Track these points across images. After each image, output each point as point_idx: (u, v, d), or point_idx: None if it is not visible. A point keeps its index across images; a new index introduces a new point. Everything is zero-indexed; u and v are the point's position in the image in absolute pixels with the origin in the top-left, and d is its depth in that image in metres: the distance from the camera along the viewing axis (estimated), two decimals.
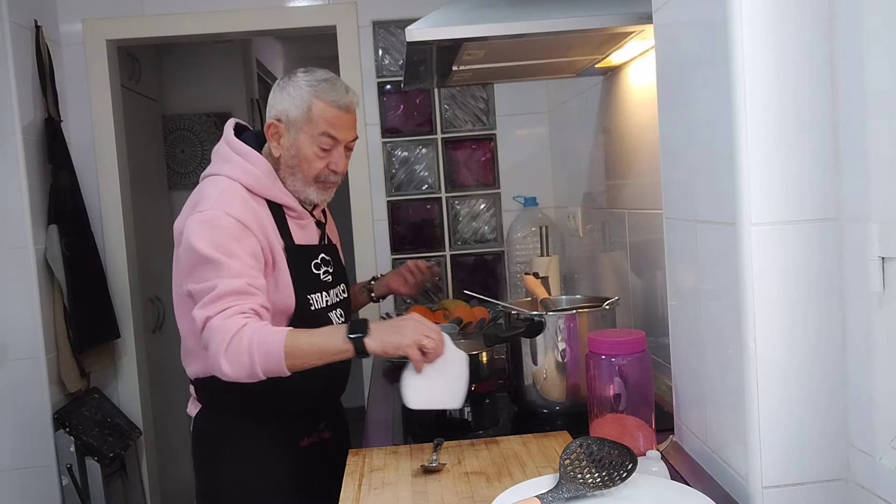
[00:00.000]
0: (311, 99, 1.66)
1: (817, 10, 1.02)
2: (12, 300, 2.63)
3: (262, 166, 1.68)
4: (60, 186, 2.79)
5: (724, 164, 1.08)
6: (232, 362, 1.46)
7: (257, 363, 1.46)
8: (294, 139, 1.67)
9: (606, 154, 2.20)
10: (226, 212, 1.58)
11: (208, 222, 1.57)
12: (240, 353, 1.46)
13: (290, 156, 1.69)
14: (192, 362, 1.73)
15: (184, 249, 1.59)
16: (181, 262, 1.61)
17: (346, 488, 1.34)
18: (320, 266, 1.75)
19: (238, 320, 1.48)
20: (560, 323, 1.63)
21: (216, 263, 1.53)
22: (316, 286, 1.73)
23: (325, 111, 1.66)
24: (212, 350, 1.48)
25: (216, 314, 1.49)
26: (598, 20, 1.49)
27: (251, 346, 1.45)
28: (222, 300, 1.50)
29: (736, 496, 1.14)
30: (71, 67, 3.00)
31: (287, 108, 1.67)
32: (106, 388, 3.05)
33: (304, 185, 1.71)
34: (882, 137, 0.95)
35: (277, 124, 1.68)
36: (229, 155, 1.70)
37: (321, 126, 1.66)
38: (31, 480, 2.67)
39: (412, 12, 2.73)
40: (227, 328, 1.47)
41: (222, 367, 1.47)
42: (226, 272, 1.52)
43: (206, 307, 1.50)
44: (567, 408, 1.64)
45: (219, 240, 1.55)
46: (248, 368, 1.46)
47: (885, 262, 0.95)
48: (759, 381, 1.05)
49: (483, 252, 3.16)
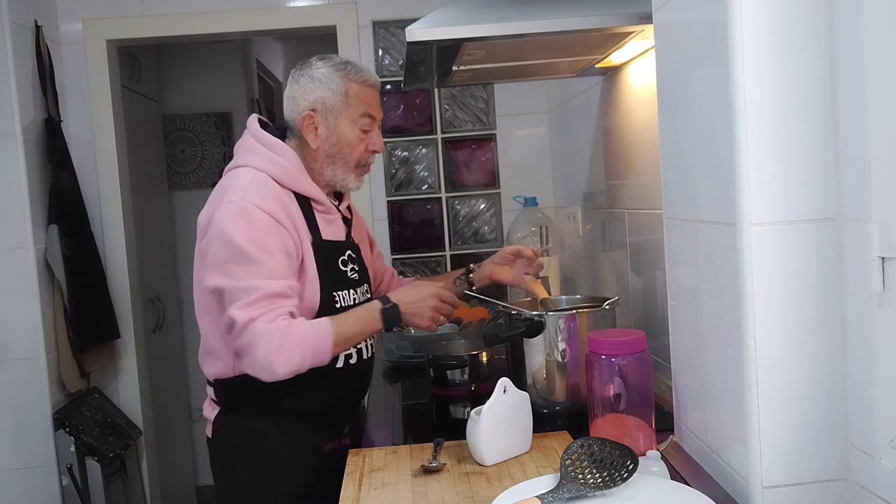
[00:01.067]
0: (346, 83, 1.64)
1: (817, 10, 1.02)
2: (12, 300, 2.63)
3: (291, 158, 1.64)
4: (60, 186, 2.79)
5: (724, 164, 1.08)
6: (285, 362, 1.47)
7: (308, 359, 1.50)
8: (334, 126, 1.64)
9: (606, 154, 2.20)
10: (257, 204, 1.53)
11: (242, 214, 1.52)
12: (293, 353, 1.47)
13: (330, 144, 1.65)
14: (212, 362, 1.66)
15: (215, 242, 1.53)
16: (208, 256, 1.55)
17: (346, 488, 1.34)
18: (347, 263, 1.71)
19: (281, 323, 1.48)
20: (560, 323, 1.63)
21: (253, 260, 1.49)
22: (343, 283, 1.68)
23: (361, 92, 1.65)
24: (261, 352, 1.47)
25: (260, 316, 1.47)
26: (598, 20, 1.49)
27: (304, 344, 1.48)
28: (265, 302, 1.48)
29: (736, 496, 1.14)
30: (71, 67, 3.00)
31: (322, 95, 1.63)
32: (106, 388, 3.05)
33: (346, 172, 1.68)
34: (882, 137, 0.95)
35: (313, 115, 1.64)
36: (255, 146, 1.65)
37: (360, 108, 1.65)
38: (31, 480, 2.67)
39: (412, 12, 2.73)
40: (275, 330, 1.47)
41: (274, 367, 1.47)
42: (266, 271, 1.50)
43: (248, 308, 1.47)
44: (567, 408, 1.64)
45: (255, 234, 1.51)
46: (299, 365, 1.49)
47: (885, 262, 0.95)
48: (759, 381, 1.05)
49: (483, 252, 3.16)
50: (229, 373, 1.63)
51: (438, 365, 1.93)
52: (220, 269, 1.52)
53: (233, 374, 1.62)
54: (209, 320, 1.63)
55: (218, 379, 1.67)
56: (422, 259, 3.17)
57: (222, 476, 1.71)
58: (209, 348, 1.66)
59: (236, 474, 1.68)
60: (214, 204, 1.58)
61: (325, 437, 1.71)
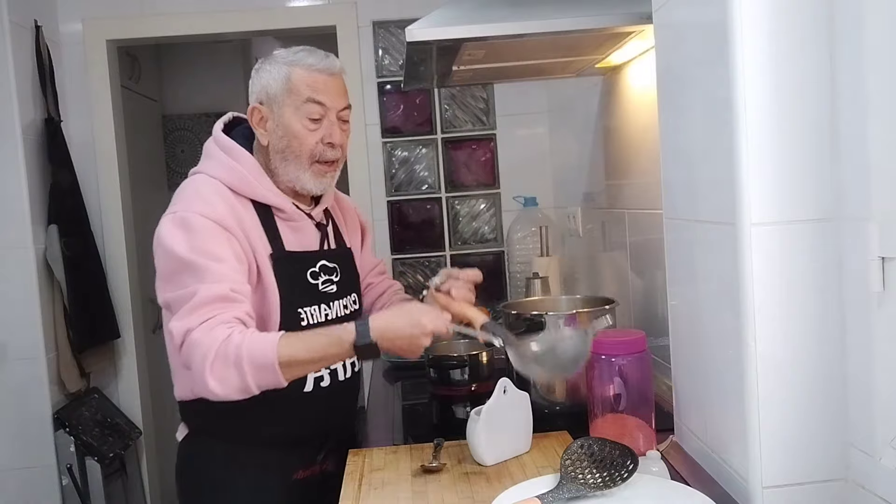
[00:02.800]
0: (289, 69, 1.49)
1: (817, 10, 1.02)
2: (12, 300, 2.63)
3: (248, 163, 1.51)
4: (60, 186, 2.79)
5: (724, 164, 1.08)
6: (220, 379, 1.29)
7: (249, 377, 1.29)
8: (279, 117, 1.49)
9: (606, 154, 2.20)
10: (200, 212, 1.41)
11: (182, 225, 1.41)
12: (227, 368, 1.29)
13: (278, 137, 1.50)
14: (176, 382, 1.55)
15: (158, 255, 1.44)
16: (157, 271, 1.45)
17: (345, 488, 1.34)
18: (319, 275, 1.55)
19: (222, 331, 1.31)
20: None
21: (195, 267, 1.36)
22: (311, 298, 1.53)
23: (305, 77, 1.49)
24: (195, 367, 1.31)
25: (197, 325, 1.32)
26: (598, 20, 1.49)
27: (239, 357, 1.29)
28: (203, 309, 1.33)
29: (736, 496, 1.14)
30: (71, 67, 3.00)
31: (265, 84, 1.50)
32: (106, 388, 3.04)
33: (299, 170, 1.51)
34: (882, 137, 0.95)
35: (259, 107, 1.51)
36: (213, 151, 1.54)
37: (304, 93, 1.48)
38: (31, 480, 2.66)
39: (412, 12, 2.72)
40: (211, 341, 1.30)
41: (209, 385, 1.30)
42: (206, 277, 1.35)
43: (185, 318, 1.33)
44: (567, 408, 1.64)
45: (196, 242, 1.39)
46: (239, 384, 1.30)
47: (885, 262, 0.95)
48: (759, 381, 1.05)
49: (483, 252, 3.16)
50: (189, 394, 1.50)
51: (439, 365, 1.93)
52: (165, 282, 1.41)
53: (193, 396, 1.48)
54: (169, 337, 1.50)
55: (182, 401, 1.56)
56: (422, 259, 3.17)
57: (185, 501, 1.62)
58: (172, 366, 1.56)
59: (198, 500, 1.59)
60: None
61: (295, 464, 1.57)
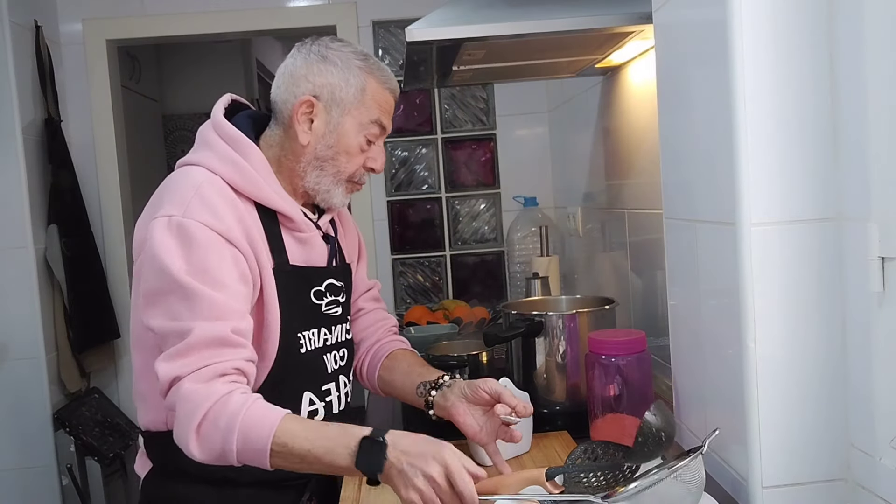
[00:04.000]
0: (366, 77, 1.31)
1: (817, 10, 1.02)
2: (12, 300, 2.63)
3: (256, 159, 1.29)
4: (60, 186, 2.80)
5: (724, 164, 1.08)
6: (203, 441, 1.12)
7: (234, 450, 1.11)
8: (337, 124, 1.31)
9: (606, 154, 2.20)
10: (202, 221, 1.19)
11: (179, 233, 1.18)
12: (215, 432, 1.11)
13: (325, 145, 1.31)
14: (142, 407, 1.33)
15: (147, 268, 1.20)
16: (142, 282, 1.21)
17: (346, 488, 1.34)
18: (324, 295, 1.37)
19: (217, 388, 1.12)
20: (560, 323, 1.63)
21: (191, 294, 1.15)
22: (313, 321, 1.34)
23: (378, 93, 1.32)
24: (180, 421, 1.13)
25: (188, 374, 1.13)
26: (598, 20, 1.49)
27: (231, 427, 1.10)
28: (197, 353, 1.14)
29: (736, 496, 1.14)
30: (71, 67, 3.00)
31: (334, 82, 1.30)
32: (106, 388, 3.04)
33: (333, 184, 1.34)
34: (882, 137, 0.95)
35: (314, 101, 1.30)
36: (212, 139, 1.31)
37: (374, 112, 1.32)
38: (31, 480, 2.67)
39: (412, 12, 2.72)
40: (202, 397, 1.11)
41: (190, 446, 1.12)
42: (205, 311, 1.15)
43: (174, 360, 1.14)
44: (567, 408, 1.64)
45: (195, 259, 1.17)
46: (221, 453, 1.12)
47: (885, 262, 0.95)
48: (759, 381, 1.05)
49: (483, 252, 3.16)
50: (160, 425, 1.30)
51: (438, 365, 1.93)
52: (154, 303, 1.19)
53: (164, 428, 1.28)
54: (140, 357, 1.30)
55: (148, 430, 1.33)
56: (422, 259, 3.17)
57: None
58: (139, 391, 1.33)
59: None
60: (152, 211, 1.25)
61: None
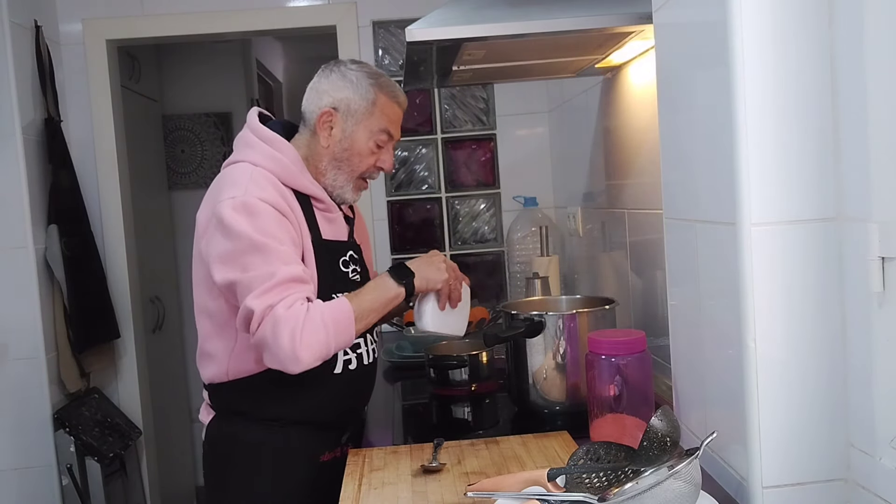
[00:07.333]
0: (376, 91, 1.60)
1: (817, 10, 1.02)
2: (12, 300, 2.63)
3: (290, 154, 1.59)
4: (60, 186, 2.79)
5: (724, 164, 1.08)
6: (309, 346, 1.40)
7: (332, 340, 1.43)
8: (351, 131, 1.61)
9: (606, 154, 2.20)
10: (260, 197, 1.48)
11: (245, 209, 1.47)
12: (316, 334, 1.41)
13: (341, 148, 1.62)
14: (207, 365, 1.62)
15: (218, 238, 1.48)
16: (214, 253, 1.49)
17: (345, 488, 1.34)
18: (349, 264, 1.66)
19: (300, 308, 1.42)
20: (560, 323, 1.63)
21: (266, 249, 1.44)
22: (343, 285, 1.62)
23: (387, 106, 1.62)
24: (282, 340, 1.39)
25: (279, 302, 1.41)
26: (598, 20, 1.49)
27: (325, 321, 1.42)
28: (281, 287, 1.42)
29: (736, 496, 1.14)
30: (71, 67, 3.00)
31: (349, 96, 1.60)
32: (106, 388, 3.04)
33: (347, 181, 1.64)
34: (882, 137, 0.95)
35: (333, 112, 1.60)
36: (253, 141, 1.60)
37: (381, 121, 1.61)
38: (31, 480, 2.66)
39: (412, 12, 2.72)
40: (295, 315, 1.40)
41: (299, 353, 1.39)
42: (281, 258, 1.45)
43: (266, 295, 1.41)
44: (567, 408, 1.64)
45: (262, 225, 1.46)
46: (325, 348, 1.43)
47: (885, 262, 0.95)
48: (759, 381, 1.05)
49: (483, 252, 3.16)
50: (223, 377, 1.59)
51: (438, 365, 1.93)
52: (230, 262, 1.46)
53: (227, 379, 1.59)
54: (207, 322, 1.59)
55: (212, 383, 1.62)
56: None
57: (211, 483, 1.67)
58: (205, 351, 1.62)
59: (226, 481, 1.63)
60: (213, 200, 1.53)
61: (321, 446, 1.64)
